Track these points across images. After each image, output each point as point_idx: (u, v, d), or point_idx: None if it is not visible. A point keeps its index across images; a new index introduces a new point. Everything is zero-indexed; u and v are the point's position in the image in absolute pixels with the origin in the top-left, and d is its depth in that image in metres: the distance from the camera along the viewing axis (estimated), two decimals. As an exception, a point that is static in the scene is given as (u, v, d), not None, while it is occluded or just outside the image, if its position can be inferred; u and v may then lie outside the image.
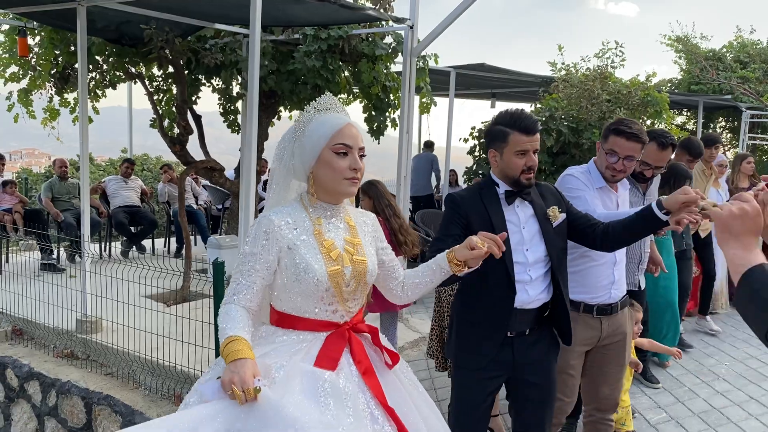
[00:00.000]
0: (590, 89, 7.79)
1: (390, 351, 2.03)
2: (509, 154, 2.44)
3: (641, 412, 4.21)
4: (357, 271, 1.94)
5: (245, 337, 1.77)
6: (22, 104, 6.93)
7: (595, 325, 2.88)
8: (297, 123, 1.99)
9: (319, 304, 1.91)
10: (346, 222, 2.02)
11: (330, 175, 1.91)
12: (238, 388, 1.61)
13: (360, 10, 5.18)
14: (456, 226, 2.47)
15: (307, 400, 1.70)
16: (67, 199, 7.99)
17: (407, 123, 5.81)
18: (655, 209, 2.32)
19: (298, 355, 1.83)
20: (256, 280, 1.89)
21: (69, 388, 4.69)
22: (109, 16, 5.43)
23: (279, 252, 1.89)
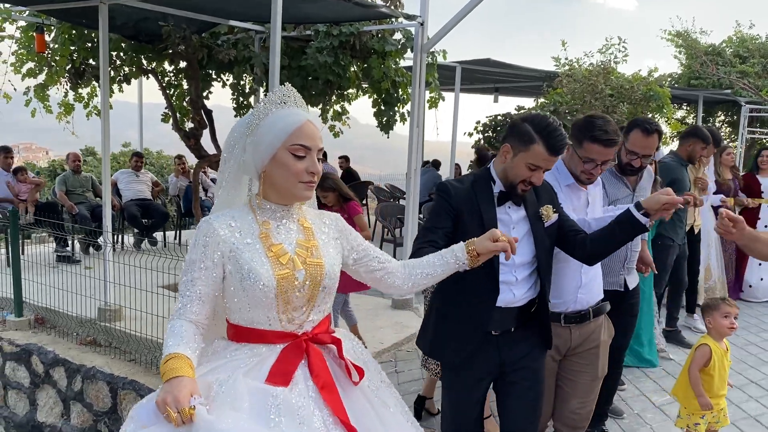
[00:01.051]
0: (594, 84, 7.97)
1: (356, 366, 1.86)
2: (522, 161, 2.31)
3: (646, 395, 4.40)
4: (311, 275, 1.78)
5: (186, 353, 1.64)
6: (39, 99, 7.09)
7: (564, 335, 2.71)
8: (252, 115, 1.80)
9: (271, 314, 1.75)
10: (300, 224, 1.86)
11: (285, 176, 1.75)
12: (172, 408, 1.49)
13: (373, 7, 5.34)
14: (447, 218, 2.36)
15: (254, 419, 1.58)
16: (80, 192, 8.14)
17: (417, 117, 5.97)
18: (634, 212, 2.27)
19: (245, 369, 1.70)
20: (200, 289, 1.74)
21: (94, 373, 4.86)
22: (127, 13, 5.58)
23: (222, 258, 1.74)
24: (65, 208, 7.89)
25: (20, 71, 7.10)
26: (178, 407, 1.49)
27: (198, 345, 1.72)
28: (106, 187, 5.53)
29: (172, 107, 7.06)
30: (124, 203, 8.45)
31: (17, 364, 5.33)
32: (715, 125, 15.47)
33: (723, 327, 3.22)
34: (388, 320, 5.82)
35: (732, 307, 3.24)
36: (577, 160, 2.74)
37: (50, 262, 6.99)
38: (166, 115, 7.93)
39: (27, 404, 5.29)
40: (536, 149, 2.27)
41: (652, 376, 4.74)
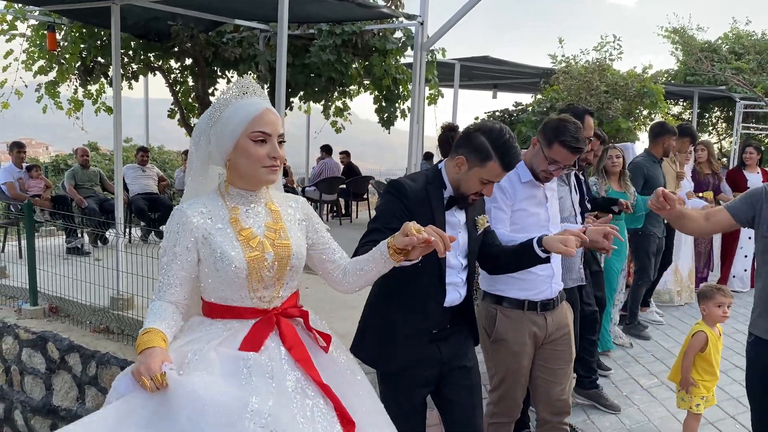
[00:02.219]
0: (589, 81, 8.16)
1: (322, 333, 1.98)
2: (476, 175, 2.33)
3: (635, 378, 4.62)
4: (280, 256, 1.89)
5: (159, 327, 1.76)
6: (50, 96, 7.29)
7: (541, 322, 2.83)
8: (214, 107, 1.89)
9: (243, 292, 1.86)
10: (268, 207, 1.95)
11: (248, 163, 1.84)
12: (145, 376, 1.60)
13: (374, 8, 5.55)
14: (397, 221, 2.20)
15: (226, 377, 1.69)
16: (89, 187, 8.35)
17: (418, 113, 6.18)
18: (536, 247, 2.35)
19: (218, 340, 1.80)
20: (177, 273, 1.85)
21: (108, 359, 5.09)
22: (138, 13, 5.78)
23: (195, 243, 1.85)
24: (75, 201, 8.11)
25: (31, 69, 7.30)
26: (150, 374, 1.60)
27: (176, 323, 1.84)
28: (118, 181, 5.74)
29: (180, 103, 7.26)
30: (132, 197, 8.66)
31: (33, 351, 5.55)
32: (710, 121, 15.69)
33: (716, 315, 3.44)
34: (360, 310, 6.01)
35: (726, 297, 3.44)
36: (542, 159, 2.80)
37: (60, 253, 7.21)
38: (172, 110, 8.14)
39: (43, 389, 5.52)
40: (492, 166, 2.29)
41: (641, 361, 4.96)
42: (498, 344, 2.84)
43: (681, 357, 3.52)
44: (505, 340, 2.80)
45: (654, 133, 5.41)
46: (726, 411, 4.13)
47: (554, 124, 2.82)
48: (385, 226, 2.29)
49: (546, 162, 2.80)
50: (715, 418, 4.00)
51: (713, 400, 3.58)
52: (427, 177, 2.46)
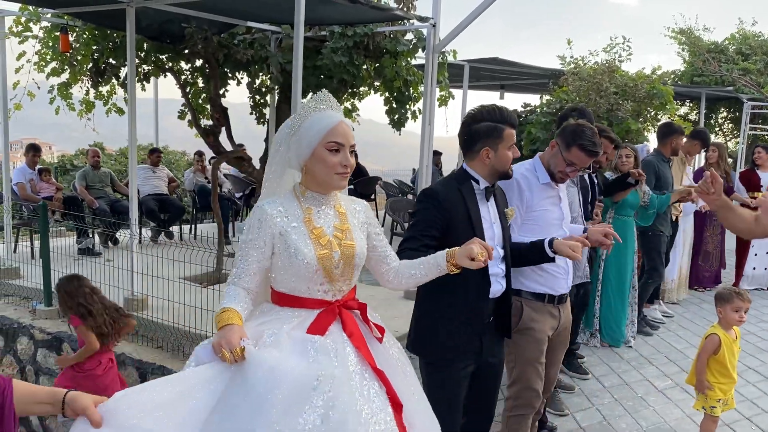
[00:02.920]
0: (599, 82, 8.17)
1: (377, 325, 2.17)
2: (504, 149, 2.55)
3: (649, 380, 4.64)
4: (345, 255, 2.10)
5: (236, 308, 1.98)
6: (62, 97, 7.32)
7: (556, 314, 3.06)
8: (294, 118, 2.11)
9: (311, 285, 2.07)
10: (336, 209, 2.17)
11: (323, 169, 2.05)
12: (225, 349, 1.80)
13: (387, 10, 5.57)
14: (434, 227, 2.51)
15: (296, 356, 1.89)
16: (100, 187, 8.39)
17: (429, 115, 6.20)
18: (547, 248, 2.64)
19: (290, 325, 2.01)
20: (252, 264, 2.07)
21: (123, 359, 5.11)
22: (152, 15, 5.81)
23: (272, 238, 2.05)
24: (86, 202, 8.14)
25: (43, 70, 7.33)
26: (230, 348, 1.80)
27: (248, 306, 2.06)
28: (132, 181, 5.77)
29: (191, 105, 7.29)
30: (142, 198, 8.68)
31: (48, 351, 5.58)
32: (717, 122, 15.68)
33: (732, 319, 3.45)
34: (400, 310, 6.04)
35: (744, 302, 3.45)
36: (560, 161, 2.99)
37: (72, 254, 7.24)
38: (182, 112, 8.17)
39: (58, 389, 5.55)
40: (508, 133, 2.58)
41: (655, 363, 4.98)
42: (523, 333, 2.98)
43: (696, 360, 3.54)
44: (531, 329, 2.97)
45: (662, 133, 5.52)
46: (741, 413, 4.14)
47: (573, 128, 3.02)
48: (421, 233, 2.51)
49: (564, 164, 2.99)
50: (730, 419, 4.02)
51: (732, 404, 3.59)
52: (456, 179, 2.66)
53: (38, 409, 1.68)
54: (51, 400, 1.66)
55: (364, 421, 1.87)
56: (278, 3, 5.19)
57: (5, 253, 6.97)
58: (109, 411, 1.65)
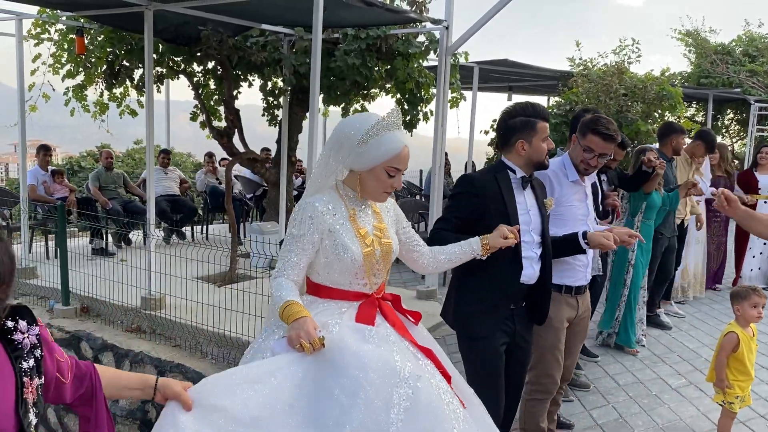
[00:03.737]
0: (608, 84, 8.22)
1: (411, 312, 2.37)
2: (538, 141, 2.73)
3: (664, 379, 4.68)
4: (384, 252, 2.25)
5: (297, 300, 2.08)
6: (77, 99, 7.41)
7: (574, 304, 3.21)
8: (369, 129, 2.13)
9: (353, 279, 2.21)
10: (373, 209, 2.31)
11: (375, 185, 2.18)
12: (305, 340, 1.89)
13: (402, 12, 5.63)
14: (466, 208, 2.73)
15: (363, 344, 2.01)
16: (113, 188, 8.46)
17: (442, 116, 6.25)
18: (581, 240, 2.86)
19: (341, 317, 2.13)
20: (303, 258, 2.17)
21: (141, 357, 5.18)
22: (168, 18, 5.88)
23: (322, 234, 2.16)
24: (99, 203, 8.22)
25: (58, 72, 7.41)
26: (309, 339, 1.90)
27: (299, 297, 2.16)
28: (150, 182, 5.83)
29: (205, 106, 7.36)
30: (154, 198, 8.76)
31: (67, 350, 5.64)
32: (724, 123, 15.70)
33: (751, 316, 3.49)
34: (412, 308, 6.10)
35: (761, 298, 3.50)
36: (579, 151, 3.16)
37: (85, 254, 7.32)
38: (194, 113, 8.25)
39: (76, 387, 5.61)
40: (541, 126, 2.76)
41: (668, 362, 5.02)
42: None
43: (715, 359, 3.58)
44: (550, 318, 3.04)
45: (661, 132, 5.49)
46: (756, 411, 4.18)
47: (588, 118, 3.23)
48: (453, 215, 2.73)
49: (582, 151, 3.15)
50: (745, 417, 4.05)
51: (749, 400, 3.63)
52: (494, 167, 2.87)
53: (127, 394, 1.80)
54: (142, 386, 1.76)
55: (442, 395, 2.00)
56: (294, 6, 5.27)
57: (22, 253, 7.04)
58: (198, 392, 1.76)
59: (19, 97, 6.70)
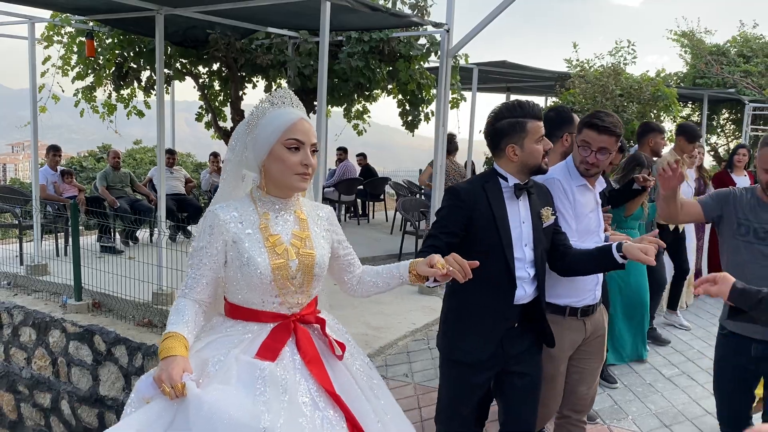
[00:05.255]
0: (604, 85, 8.42)
1: (338, 342, 2.04)
2: (530, 142, 2.42)
3: (657, 369, 4.88)
4: (304, 264, 1.96)
5: (182, 332, 1.82)
6: (87, 100, 7.59)
7: (580, 327, 2.83)
8: (251, 114, 1.98)
9: (265, 296, 1.93)
10: (297, 215, 2.03)
11: (281, 169, 1.91)
12: (166, 384, 1.68)
13: (406, 17, 5.83)
14: (455, 223, 2.44)
15: (241, 388, 1.75)
16: (120, 188, 8.64)
17: (443, 117, 6.45)
18: (615, 252, 2.41)
19: (239, 347, 1.86)
20: (205, 273, 1.92)
21: (154, 350, 5.35)
22: (178, 22, 6.07)
23: (225, 245, 1.92)
24: (107, 201, 8.40)
25: (67, 74, 7.60)
26: (171, 383, 1.68)
27: (197, 324, 1.92)
28: (162, 181, 6.01)
29: (211, 107, 7.55)
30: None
31: (80, 343, 5.83)
32: (719, 123, 15.92)
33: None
34: (416, 304, 6.29)
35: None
36: (576, 148, 2.86)
37: (95, 252, 7.49)
38: (200, 114, 8.45)
39: (90, 380, 5.79)
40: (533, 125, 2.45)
41: (661, 353, 5.22)
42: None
43: None
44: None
45: (639, 133, 5.30)
46: None
47: (584, 116, 2.94)
48: (440, 231, 2.45)
49: (579, 150, 2.83)
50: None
51: None
52: (483, 176, 2.59)
53: None
54: None
55: None
56: (301, 10, 5.45)
57: (34, 250, 7.21)
58: None
59: (31, 98, 6.87)
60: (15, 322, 6.30)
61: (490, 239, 2.42)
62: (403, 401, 4.26)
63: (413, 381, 4.59)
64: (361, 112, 9.02)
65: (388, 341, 5.21)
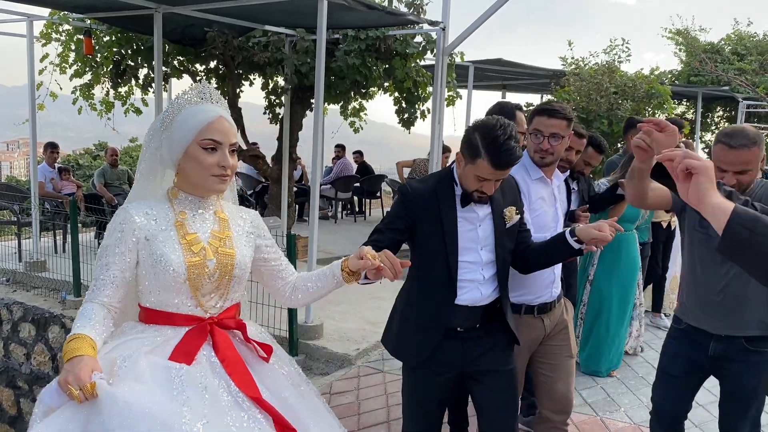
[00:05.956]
0: (599, 83, 8.49)
1: (262, 344, 1.94)
2: (470, 173, 2.28)
3: (650, 362, 4.96)
4: (222, 264, 1.86)
5: (89, 334, 1.68)
6: (84, 98, 7.64)
7: (538, 325, 2.78)
8: (167, 110, 1.86)
9: (180, 297, 1.82)
10: (216, 215, 1.92)
11: (197, 170, 1.81)
12: (74, 386, 1.52)
13: (402, 15, 5.90)
14: (401, 220, 2.37)
15: (156, 388, 1.63)
16: (117, 185, 8.69)
17: (439, 114, 6.51)
18: (569, 237, 2.32)
19: (149, 347, 1.74)
20: (115, 273, 1.79)
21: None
22: (176, 20, 6.12)
23: (137, 244, 1.80)
24: (105, 199, 8.45)
25: (65, 72, 7.64)
26: (79, 384, 1.52)
27: (106, 328, 1.77)
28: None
29: (209, 105, 7.61)
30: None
31: (80, 339, 5.88)
32: (713, 121, 16.03)
33: None
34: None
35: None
36: (530, 139, 2.77)
37: (92, 248, 7.53)
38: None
39: (89, 375, 5.85)
40: (481, 163, 2.22)
41: (654, 347, 5.29)
42: None
43: None
44: None
45: (623, 129, 5.30)
46: None
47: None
48: (386, 226, 2.38)
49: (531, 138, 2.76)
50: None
51: None
52: (439, 176, 2.49)
53: None
54: None
55: None
56: (298, 9, 5.51)
57: (32, 247, 7.26)
58: None
59: (30, 95, 6.92)
60: (14, 318, 6.35)
61: (434, 243, 2.36)
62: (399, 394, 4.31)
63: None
64: (357, 109, 9.08)
65: (384, 336, 5.28)
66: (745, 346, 2.51)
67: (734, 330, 2.51)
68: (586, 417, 3.98)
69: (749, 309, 2.50)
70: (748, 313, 2.50)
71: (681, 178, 1.49)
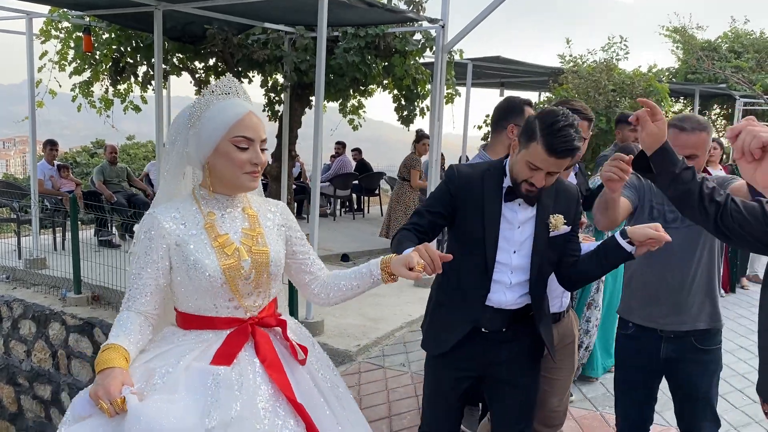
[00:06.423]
0: (597, 80, 8.52)
1: (301, 346, 1.89)
2: (523, 158, 2.14)
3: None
4: (257, 263, 1.80)
5: (122, 344, 1.64)
6: (84, 95, 7.64)
7: None
8: (194, 106, 1.79)
9: (218, 301, 1.77)
10: (245, 212, 1.86)
11: (228, 167, 1.75)
12: (104, 400, 1.51)
13: (402, 12, 5.92)
14: (443, 204, 2.26)
15: (188, 395, 1.60)
16: (117, 182, 8.69)
17: (438, 111, 6.53)
18: (620, 240, 2.11)
19: (191, 355, 1.70)
20: (148, 281, 1.74)
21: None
22: (176, 17, 6.13)
23: (168, 250, 1.75)
24: (104, 196, 8.45)
25: (65, 69, 7.65)
26: (109, 398, 1.51)
27: (143, 336, 1.74)
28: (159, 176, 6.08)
29: (208, 102, 7.62)
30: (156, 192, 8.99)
31: (80, 336, 5.90)
32: (710, 118, 16.08)
33: None
34: (412, 296, 6.38)
35: None
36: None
37: (92, 246, 7.54)
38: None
39: (90, 372, 5.86)
40: (535, 148, 2.08)
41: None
42: None
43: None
44: None
45: (614, 123, 5.29)
46: (732, 384, 4.49)
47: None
48: (427, 209, 2.28)
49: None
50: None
51: None
52: (490, 164, 2.35)
53: None
54: None
55: None
56: (298, 6, 5.52)
57: (32, 244, 7.27)
58: None
59: (30, 93, 6.92)
60: (14, 315, 6.36)
61: (474, 233, 2.24)
62: (400, 389, 4.36)
63: (410, 370, 4.68)
64: (356, 107, 9.10)
65: (385, 332, 5.31)
66: (695, 345, 2.51)
67: (684, 325, 2.50)
68: (586, 412, 4.01)
69: (698, 301, 2.50)
70: (697, 306, 2.50)
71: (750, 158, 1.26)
